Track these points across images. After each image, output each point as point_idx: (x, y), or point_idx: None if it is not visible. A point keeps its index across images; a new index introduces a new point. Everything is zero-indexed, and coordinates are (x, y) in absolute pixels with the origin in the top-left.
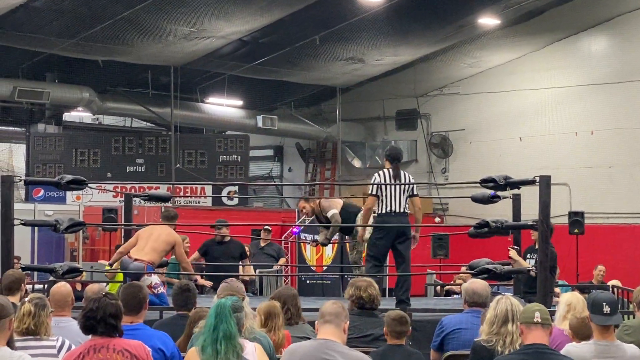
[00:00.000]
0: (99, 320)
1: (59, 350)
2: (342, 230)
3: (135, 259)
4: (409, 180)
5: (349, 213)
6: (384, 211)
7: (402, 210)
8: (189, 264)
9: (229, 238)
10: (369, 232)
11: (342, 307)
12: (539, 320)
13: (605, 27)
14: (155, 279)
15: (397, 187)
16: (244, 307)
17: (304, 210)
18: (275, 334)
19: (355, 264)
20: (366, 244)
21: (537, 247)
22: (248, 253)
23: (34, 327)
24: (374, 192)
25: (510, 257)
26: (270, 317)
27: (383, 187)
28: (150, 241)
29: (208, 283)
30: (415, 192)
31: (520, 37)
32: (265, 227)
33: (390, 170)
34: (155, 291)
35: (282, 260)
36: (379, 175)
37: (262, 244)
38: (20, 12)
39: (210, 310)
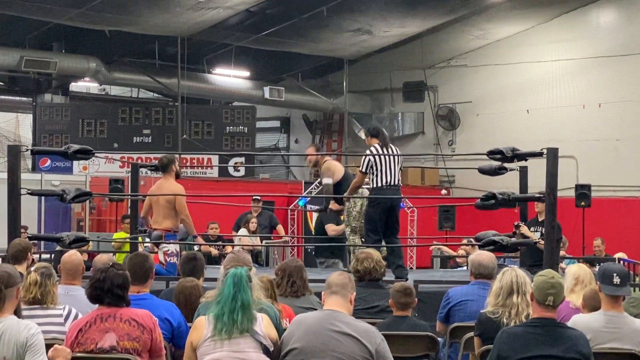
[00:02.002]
0: (106, 291)
1: (66, 319)
2: (336, 200)
3: (154, 229)
4: (399, 153)
5: (348, 183)
6: (379, 184)
7: (395, 182)
8: (189, 217)
9: (260, 210)
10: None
11: (349, 278)
12: (551, 304)
13: None
14: (171, 247)
15: (392, 160)
16: (252, 278)
17: (311, 160)
18: None
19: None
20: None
21: (540, 219)
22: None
23: (40, 296)
24: (363, 170)
25: (516, 233)
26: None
27: (377, 161)
28: (157, 208)
29: (215, 252)
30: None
31: (528, 9)
32: (254, 197)
33: (379, 144)
34: (169, 259)
35: (280, 229)
36: (371, 151)
37: (254, 214)
38: None
39: (227, 280)
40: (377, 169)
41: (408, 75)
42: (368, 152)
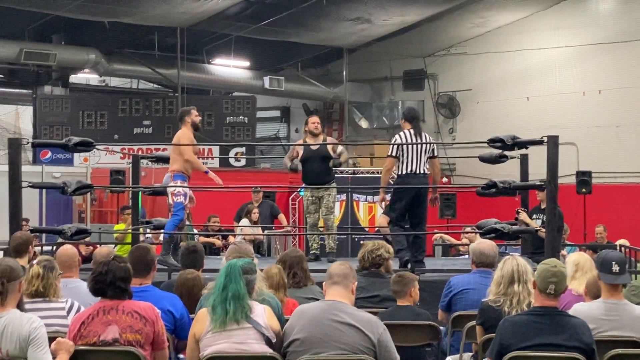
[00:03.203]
0: (109, 284)
1: (68, 312)
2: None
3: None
4: (429, 139)
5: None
6: (404, 172)
7: (422, 171)
8: (193, 157)
9: (261, 200)
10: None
11: (350, 267)
12: (552, 293)
13: None
14: (178, 187)
15: (418, 147)
16: (255, 269)
17: (319, 127)
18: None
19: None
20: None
21: (542, 207)
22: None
23: (43, 289)
24: (393, 154)
25: (517, 219)
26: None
27: (403, 148)
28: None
29: (219, 242)
30: (435, 154)
31: None
32: (254, 188)
33: (411, 130)
34: (175, 199)
35: (282, 219)
36: (400, 136)
37: (255, 204)
38: None
39: (221, 271)
40: (403, 156)
41: (408, 63)
42: (397, 136)
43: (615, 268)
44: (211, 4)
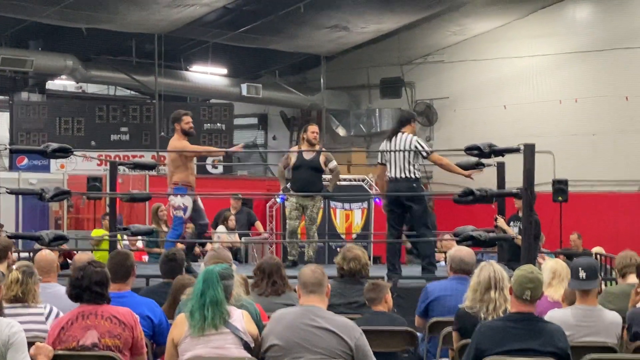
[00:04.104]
0: (85, 289)
1: (47, 317)
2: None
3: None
4: (409, 142)
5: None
6: (386, 179)
7: (400, 176)
8: (203, 150)
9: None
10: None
11: (322, 273)
12: (528, 299)
13: None
14: (178, 200)
15: (392, 153)
16: (233, 274)
17: (317, 137)
18: None
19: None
20: None
21: (520, 214)
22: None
23: (22, 295)
24: (379, 161)
25: (496, 227)
26: None
27: (384, 154)
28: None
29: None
30: (425, 153)
31: (504, 4)
32: (233, 195)
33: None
34: (175, 212)
35: (259, 226)
36: (382, 144)
37: (233, 211)
38: None
39: (198, 277)
40: (388, 162)
41: (385, 71)
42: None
43: (582, 274)
44: (189, 10)
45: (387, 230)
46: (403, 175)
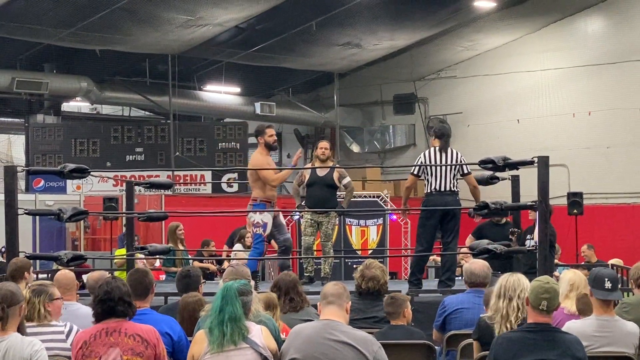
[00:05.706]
0: (117, 300)
1: (67, 335)
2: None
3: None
4: (458, 158)
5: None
6: (429, 190)
7: (447, 189)
8: (279, 178)
9: None
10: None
11: (344, 287)
12: (545, 309)
13: (600, 7)
14: (257, 217)
15: (443, 165)
16: (251, 290)
17: (326, 152)
18: None
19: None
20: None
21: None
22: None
23: (28, 314)
24: (414, 172)
25: (512, 240)
26: (268, 309)
27: (428, 166)
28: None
29: (213, 267)
30: (466, 171)
31: (516, 19)
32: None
33: (437, 147)
34: (254, 230)
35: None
36: (424, 154)
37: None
38: (18, 3)
39: (217, 293)
40: (428, 174)
41: (398, 87)
42: (422, 154)
43: (608, 284)
44: (202, 31)
45: (417, 243)
46: (450, 189)
